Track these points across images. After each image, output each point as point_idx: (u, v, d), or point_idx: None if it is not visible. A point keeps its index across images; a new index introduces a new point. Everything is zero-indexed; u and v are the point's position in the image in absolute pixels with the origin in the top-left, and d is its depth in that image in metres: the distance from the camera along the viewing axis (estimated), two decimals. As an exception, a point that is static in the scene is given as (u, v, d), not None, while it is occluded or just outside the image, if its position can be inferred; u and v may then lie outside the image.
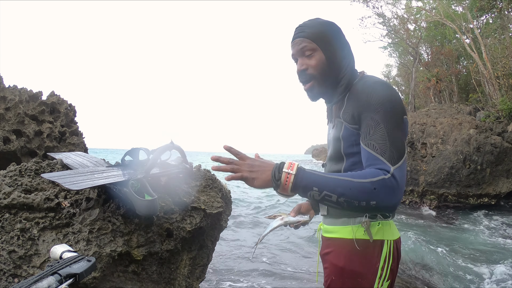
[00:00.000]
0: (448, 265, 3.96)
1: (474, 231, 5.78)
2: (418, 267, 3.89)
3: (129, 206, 1.43)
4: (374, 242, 0.97)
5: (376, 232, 0.98)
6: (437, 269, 3.83)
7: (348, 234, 1.01)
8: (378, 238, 0.98)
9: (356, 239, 0.98)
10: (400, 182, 0.83)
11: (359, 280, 0.98)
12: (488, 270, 3.79)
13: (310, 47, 1.01)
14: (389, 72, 28.24)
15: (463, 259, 4.23)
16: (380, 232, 0.98)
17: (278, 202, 8.94)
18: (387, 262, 0.97)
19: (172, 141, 1.58)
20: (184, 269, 1.72)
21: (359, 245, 0.98)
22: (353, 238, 0.98)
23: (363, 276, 0.97)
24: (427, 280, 3.51)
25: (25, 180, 1.47)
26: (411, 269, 3.81)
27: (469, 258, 4.25)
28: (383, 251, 0.97)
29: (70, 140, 5.30)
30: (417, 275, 3.63)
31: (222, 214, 1.95)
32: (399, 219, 6.77)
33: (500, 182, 8.06)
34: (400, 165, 0.86)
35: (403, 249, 4.62)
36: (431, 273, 3.72)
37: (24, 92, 4.92)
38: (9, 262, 1.20)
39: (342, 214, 1.05)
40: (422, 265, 3.97)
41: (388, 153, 0.86)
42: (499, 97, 11.56)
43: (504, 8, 12.20)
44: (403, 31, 17.60)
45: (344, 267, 1.01)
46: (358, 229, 0.99)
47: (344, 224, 1.04)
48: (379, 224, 0.99)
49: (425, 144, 8.89)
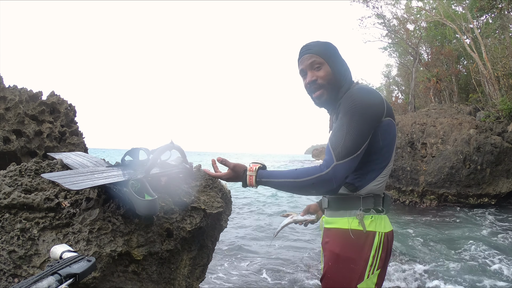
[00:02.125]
0: (448, 264, 3.96)
1: (474, 231, 5.78)
2: (417, 265, 3.89)
3: (129, 206, 1.43)
4: (367, 233, 1.10)
5: (369, 224, 1.11)
6: (436, 268, 3.83)
7: (344, 224, 1.14)
8: (371, 230, 1.10)
9: (351, 229, 1.11)
10: (338, 175, 1.04)
11: (352, 266, 1.09)
12: (488, 270, 3.79)
13: (318, 61, 1.19)
14: (389, 72, 28.24)
15: (463, 258, 4.23)
16: (373, 224, 1.11)
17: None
18: (378, 251, 1.09)
19: (172, 141, 1.58)
20: (184, 269, 1.72)
21: (353, 234, 1.11)
22: (349, 228, 1.12)
23: (356, 263, 1.09)
24: (426, 279, 3.51)
25: (25, 180, 1.47)
26: (410, 268, 3.81)
27: (469, 258, 4.25)
28: (374, 242, 1.09)
29: (70, 140, 5.30)
30: (415, 273, 3.63)
31: (222, 214, 1.94)
32: (398, 218, 6.77)
33: (500, 182, 8.06)
34: (345, 161, 1.04)
35: (403, 247, 4.64)
36: (430, 272, 3.72)
37: (24, 92, 4.92)
38: (9, 262, 1.20)
39: (340, 207, 1.18)
40: (421, 264, 3.97)
41: (338, 150, 1.05)
42: (499, 97, 11.55)
43: (504, 8, 12.20)
44: (403, 31, 17.60)
45: (339, 254, 1.13)
46: (353, 221, 1.12)
47: (341, 216, 1.17)
48: (372, 217, 1.12)
49: (425, 144, 8.89)
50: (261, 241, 4.84)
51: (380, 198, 1.18)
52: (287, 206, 8.97)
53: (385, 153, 1.16)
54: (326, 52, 1.20)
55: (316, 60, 1.18)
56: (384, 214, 1.17)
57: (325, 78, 1.18)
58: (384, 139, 1.13)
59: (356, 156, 1.05)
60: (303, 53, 1.22)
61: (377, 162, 1.15)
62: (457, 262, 4.09)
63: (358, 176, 1.15)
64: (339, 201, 1.19)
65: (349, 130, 1.06)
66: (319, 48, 1.20)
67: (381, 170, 1.16)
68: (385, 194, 1.20)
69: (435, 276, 3.61)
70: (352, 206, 1.15)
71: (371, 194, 1.15)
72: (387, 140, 1.14)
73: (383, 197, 1.19)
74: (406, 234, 5.54)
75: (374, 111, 1.09)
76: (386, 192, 1.22)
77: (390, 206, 1.22)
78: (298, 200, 9.90)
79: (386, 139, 1.14)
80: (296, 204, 9.36)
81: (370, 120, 1.08)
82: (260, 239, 4.95)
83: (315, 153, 44.56)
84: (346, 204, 1.17)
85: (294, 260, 4.04)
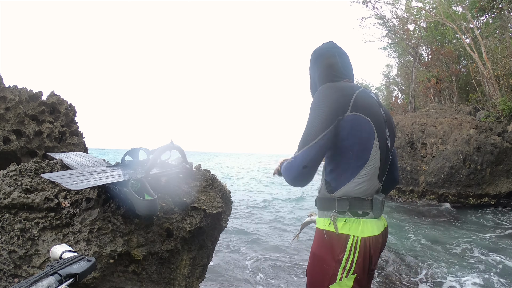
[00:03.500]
0: (448, 264, 3.96)
1: (474, 231, 5.78)
2: (416, 265, 3.89)
3: (129, 206, 1.43)
4: (339, 235, 1.11)
5: (342, 227, 1.12)
6: (436, 268, 3.83)
7: (321, 224, 1.18)
8: (343, 233, 1.11)
9: (325, 230, 1.15)
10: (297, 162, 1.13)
11: (325, 266, 1.12)
12: (488, 270, 3.79)
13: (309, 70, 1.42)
14: (389, 72, 28.23)
15: (463, 259, 4.23)
16: (346, 227, 1.12)
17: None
18: (353, 255, 1.09)
19: (172, 141, 1.58)
20: (184, 269, 1.72)
21: (327, 235, 1.14)
22: (323, 229, 1.15)
23: (328, 263, 1.12)
24: (425, 279, 3.51)
25: (25, 180, 1.47)
26: (409, 268, 3.82)
27: (468, 258, 4.25)
28: (347, 245, 1.10)
29: (70, 140, 5.30)
30: (415, 273, 3.64)
31: (222, 214, 1.95)
32: (398, 218, 6.77)
33: (500, 182, 8.06)
34: (303, 151, 1.12)
35: (402, 247, 4.64)
36: (430, 272, 3.72)
37: (24, 92, 4.92)
38: (9, 262, 1.20)
39: (321, 207, 1.23)
40: (420, 263, 3.97)
41: (300, 142, 1.14)
42: (499, 97, 11.56)
43: (504, 8, 12.20)
44: (403, 31, 17.60)
45: (315, 253, 1.18)
46: (327, 222, 1.16)
47: (321, 216, 1.22)
48: (345, 220, 1.13)
49: (425, 144, 8.89)
50: (268, 239, 4.85)
51: (363, 201, 1.15)
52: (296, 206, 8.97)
53: (359, 152, 1.13)
54: (310, 62, 1.39)
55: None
56: (369, 218, 1.14)
57: (310, 84, 1.42)
58: (353, 135, 1.11)
59: (312, 145, 1.11)
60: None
61: (350, 162, 1.13)
62: (457, 262, 4.09)
63: (334, 177, 1.16)
64: (320, 201, 1.24)
65: (307, 124, 1.15)
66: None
67: (357, 170, 1.13)
68: (374, 198, 1.16)
69: (435, 276, 3.61)
70: (329, 207, 1.18)
71: (346, 197, 1.14)
72: (357, 137, 1.12)
73: (371, 199, 1.16)
74: (406, 234, 5.54)
75: (330, 103, 1.12)
76: (377, 196, 1.17)
77: (380, 211, 1.17)
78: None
79: (355, 135, 1.12)
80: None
81: (327, 112, 1.11)
82: (269, 237, 4.96)
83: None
84: (324, 205, 1.21)
85: (292, 259, 4.04)
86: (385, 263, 3.98)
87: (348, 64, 1.33)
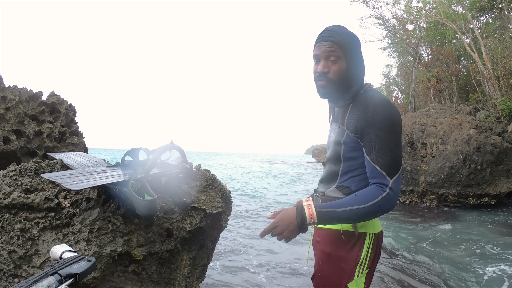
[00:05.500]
0: (447, 264, 3.96)
1: (474, 231, 5.78)
2: (414, 264, 3.89)
3: (129, 206, 1.43)
4: (359, 234, 1.13)
5: (361, 226, 1.14)
6: (435, 267, 3.83)
7: (336, 226, 1.16)
8: (362, 231, 1.14)
9: (342, 231, 1.14)
10: (396, 191, 1.04)
11: (342, 265, 1.13)
12: (487, 270, 3.79)
13: (336, 54, 1.10)
14: (389, 72, 28.25)
15: (463, 259, 4.23)
16: (364, 226, 1.14)
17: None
18: (369, 252, 1.13)
19: (172, 141, 1.58)
20: (184, 269, 1.72)
21: (344, 235, 1.14)
22: (340, 229, 1.15)
23: (346, 262, 1.13)
24: (425, 279, 3.50)
25: (25, 180, 1.47)
26: (409, 268, 3.82)
27: (468, 258, 4.25)
28: (365, 242, 1.13)
29: (70, 140, 5.30)
30: (414, 272, 3.63)
31: (222, 214, 1.94)
32: (398, 219, 6.77)
33: (500, 182, 8.06)
34: (397, 176, 1.05)
35: (402, 247, 4.64)
36: (429, 272, 3.72)
37: (24, 92, 4.93)
38: (9, 262, 1.20)
39: None
40: (419, 262, 3.97)
41: (388, 168, 1.04)
42: (499, 97, 11.56)
43: (504, 8, 12.21)
44: (403, 31, 17.61)
45: (330, 253, 1.17)
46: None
47: None
48: None
49: (425, 144, 8.89)
50: (257, 240, 4.85)
51: None
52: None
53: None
54: (348, 46, 1.11)
55: (334, 52, 1.09)
56: None
57: (337, 74, 1.11)
58: None
59: (401, 168, 1.08)
60: (323, 38, 1.12)
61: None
62: (457, 262, 4.09)
63: (355, 181, 1.15)
64: None
65: (392, 146, 1.06)
66: (342, 39, 1.10)
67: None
68: None
69: (434, 276, 3.61)
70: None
71: None
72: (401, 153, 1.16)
73: None
74: (406, 234, 5.54)
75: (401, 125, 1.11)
76: None
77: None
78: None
79: None
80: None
81: (400, 134, 1.11)
82: (257, 238, 4.96)
83: (315, 153, 44.58)
84: None
85: (288, 257, 4.04)
86: (384, 263, 3.98)
87: None
